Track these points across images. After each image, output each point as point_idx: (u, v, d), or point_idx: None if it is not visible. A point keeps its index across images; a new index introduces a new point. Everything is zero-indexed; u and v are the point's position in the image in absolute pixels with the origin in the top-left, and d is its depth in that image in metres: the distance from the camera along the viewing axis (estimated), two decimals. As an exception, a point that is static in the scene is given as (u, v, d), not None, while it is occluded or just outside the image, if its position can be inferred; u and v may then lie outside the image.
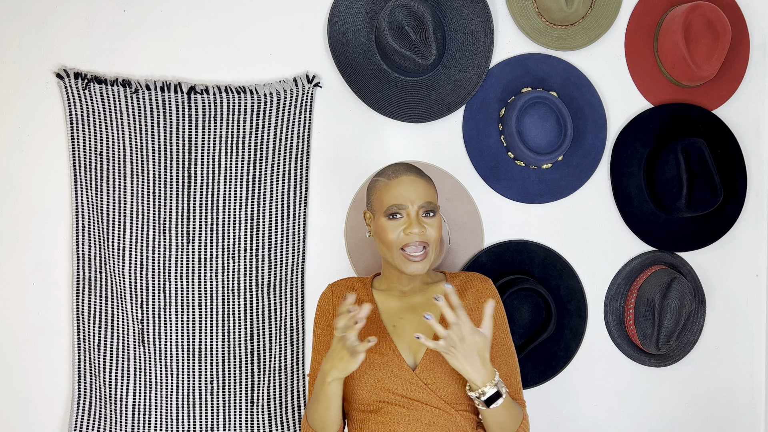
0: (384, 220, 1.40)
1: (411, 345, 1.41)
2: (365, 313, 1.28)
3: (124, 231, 1.74)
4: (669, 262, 1.95)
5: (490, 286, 1.49)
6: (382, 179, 1.43)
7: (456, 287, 1.47)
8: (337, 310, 1.47)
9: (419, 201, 1.39)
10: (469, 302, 1.46)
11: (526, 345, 1.80)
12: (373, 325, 1.42)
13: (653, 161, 1.89)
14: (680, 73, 1.88)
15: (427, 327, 1.42)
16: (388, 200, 1.39)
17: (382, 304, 1.47)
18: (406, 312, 1.45)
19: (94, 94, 1.72)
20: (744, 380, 2.02)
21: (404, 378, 1.36)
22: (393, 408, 1.36)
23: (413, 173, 1.42)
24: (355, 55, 1.79)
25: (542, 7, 1.84)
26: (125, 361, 1.76)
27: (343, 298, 1.30)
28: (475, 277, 1.50)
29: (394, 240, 1.38)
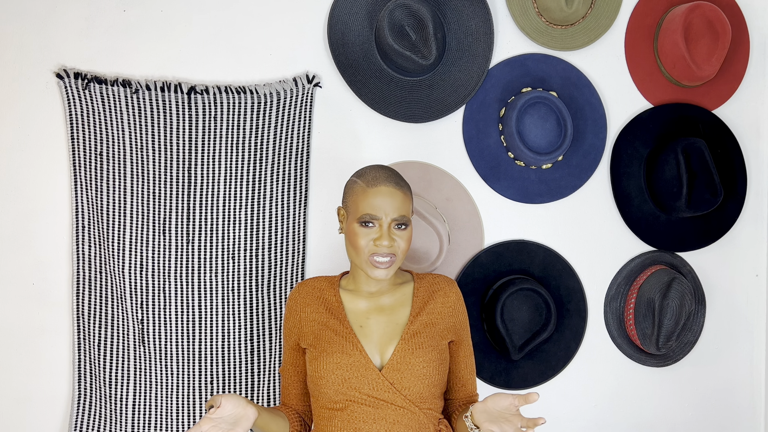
0: (356, 225, 1.41)
1: (378, 345, 1.43)
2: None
3: (124, 231, 1.74)
4: (669, 262, 1.95)
5: (456, 289, 1.52)
6: (361, 183, 1.43)
7: (423, 289, 1.50)
8: (303, 308, 1.49)
9: (393, 214, 1.40)
10: (437, 305, 1.48)
11: (525, 345, 1.80)
12: (340, 326, 1.44)
13: (653, 161, 1.89)
14: (680, 73, 1.88)
15: (395, 328, 1.44)
16: (363, 208, 1.40)
17: (348, 304, 1.48)
18: (374, 312, 1.46)
19: (94, 94, 1.72)
20: (744, 380, 2.02)
21: (371, 378, 1.38)
22: (358, 407, 1.38)
23: (392, 184, 1.42)
24: (355, 55, 1.79)
25: (542, 7, 1.84)
26: (125, 361, 1.76)
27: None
28: (442, 280, 1.52)
29: (363, 247, 1.40)
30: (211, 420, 1.24)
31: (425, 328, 1.44)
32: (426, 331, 1.44)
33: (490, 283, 1.85)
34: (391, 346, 1.42)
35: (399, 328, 1.44)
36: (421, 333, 1.43)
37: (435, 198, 1.83)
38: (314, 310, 1.47)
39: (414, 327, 1.43)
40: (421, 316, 1.45)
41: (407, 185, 1.45)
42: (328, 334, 1.43)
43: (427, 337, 1.43)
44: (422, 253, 1.77)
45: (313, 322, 1.46)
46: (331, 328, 1.44)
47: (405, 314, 1.46)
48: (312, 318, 1.47)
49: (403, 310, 1.47)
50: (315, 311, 1.47)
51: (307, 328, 1.47)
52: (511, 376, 1.87)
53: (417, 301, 1.47)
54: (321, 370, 1.40)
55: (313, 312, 1.47)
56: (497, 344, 1.83)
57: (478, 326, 1.85)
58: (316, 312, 1.47)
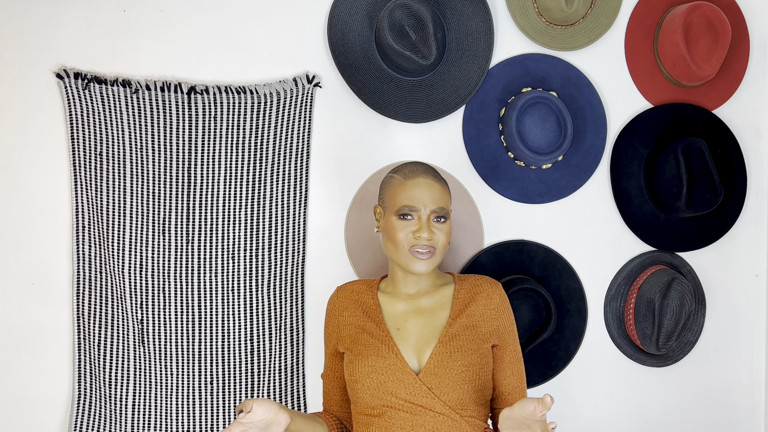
0: (395, 219, 1.38)
1: (416, 348, 1.39)
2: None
3: (123, 231, 1.74)
4: (669, 262, 1.95)
5: (500, 291, 1.47)
6: (398, 177, 1.42)
7: (464, 291, 1.46)
8: (342, 312, 1.46)
9: (432, 205, 1.37)
10: (478, 307, 1.43)
11: (526, 345, 1.80)
12: (377, 328, 1.40)
13: (653, 161, 1.89)
14: (680, 73, 1.88)
15: (433, 330, 1.40)
16: (402, 200, 1.38)
17: (386, 306, 1.45)
18: (412, 315, 1.42)
19: (94, 94, 1.72)
20: (744, 380, 2.02)
21: (407, 382, 1.34)
22: (396, 413, 1.34)
23: (430, 176, 1.41)
24: (355, 55, 1.79)
25: (542, 7, 1.84)
26: (125, 361, 1.76)
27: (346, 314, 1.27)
28: (485, 281, 1.48)
29: (402, 240, 1.37)
30: (241, 425, 1.21)
31: (465, 331, 1.39)
32: (466, 334, 1.39)
33: (490, 283, 1.86)
34: (428, 349, 1.37)
35: (437, 331, 1.39)
36: (461, 336, 1.38)
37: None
38: (352, 314, 1.44)
39: (453, 329, 1.39)
40: (461, 319, 1.41)
41: (445, 180, 1.43)
42: (364, 338, 1.40)
43: (467, 340, 1.38)
44: (422, 253, 1.77)
45: (351, 326, 1.43)
46: (367, 332, 1.40)
47: (444, 316, 1.41)
48: (350, 322, 1.44)
49: (442, 312, 1.42)
50: (353, 315, 1.44)
51: (345, 332, 1.44)
52: (511, 376, 1.87)
53: (457, 303, 1.43)
54: (356, 374, 1.37)
55: (351, 316, 1.44)
56: (497, 344, 1.83)
57: (478, 326, 1.85)
58: (353, 316, 1.44)
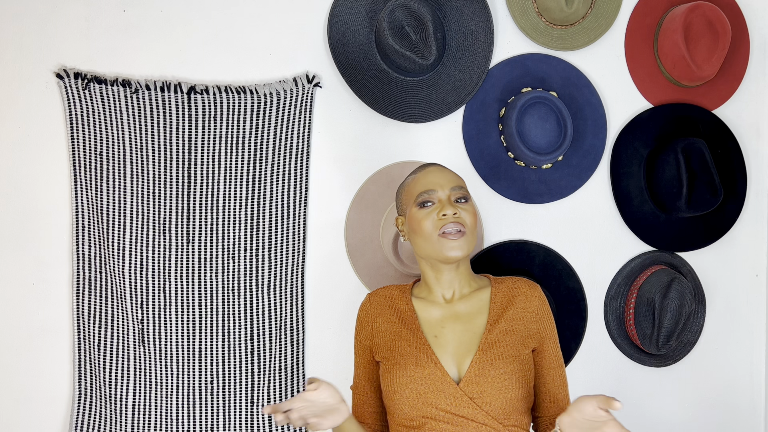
0: (416, 209, 1.35)
1: (455, 356, 1.33)
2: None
3: (124, 231, 1.74)
4: (669, 262, 1.94)
5: (539, 293, 1.42)
6: (410, 176, 1.43)
7: (502, 294, 1.41)
8: (375, 319, 1.42)
9: (449, 185, 1.35)
10: (517, 310, 1.39)
11: (526, 345, 1.80)
12: (413, 336, 1.35)
13: (653, 161, 1.89)
14: (680, 73, 1.88)
15: (472, 337, 1.35)
16: (418, 189, 1.36)
17: (422, 312, 1.39)
18: (449, 321, 1.37)
19: (94, 94, 1.72)
20: (744, 380, 2.02)
21: (448, 392, 1.29)
22: (437, 424, 1.29)
23: (438, 165, 1.43)
24: (355, 55, 1.79)
25: (542, 7, 1.84)
26: (125, 361, 1.76)
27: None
28: (522, 283, 1.43)
29: (429, 227, 1.32)
30: (305, 399, 1.17)
31: (505, 337, 1.34)
32: (506, 340, 1.34)
33: (490, 283, 1.85)
34: (468, 357, 1.32)
35: (476, 338, 1.34)
36: (501, 342, 1.33)
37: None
38: (386, 320, 1.40)
39: (492, 336, 1.34)
40: (500, 324, 1.36)
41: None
42: (401, 346, 1.35)
43: (508, 347, 1.33)
44: (422, 253, 1.77)
45: (386, 333, 1.38)
46: (404, 339, 1.35)
47: (482, 322, 1.36)
48: (384, 329, 1.39)
49: (480, 317, 1.37)
50: (387, 321, 1.39)
51: (380, 340, 1.39)
52: (511, 376, 1.87)
53: (495, 308, 1.38)
54: (394, 384, 1.32)
55: (385, 322, 1.40)
56: (497, 344, 1.83)
57: (478, 326, 1.85)
58: (388, 322, 1.39)
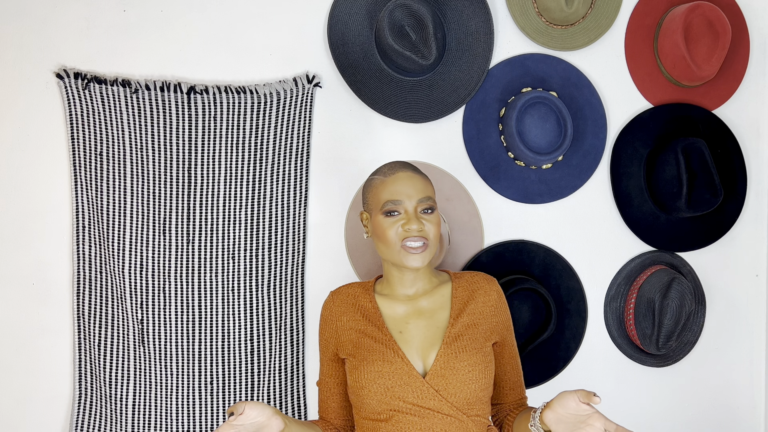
0: (381, 217, 1.37)
1: (420, 351, 1.38)
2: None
3: (124, 231, 1.74)
4: (669, 262, 1.94)
5: (497, 287, 1.47)
6: (378, 177, 1.41)
7: (462, 289, 1.45)
8: (339, 317, 1.44)
9: (417, 196, 1.36)
10: (478, 304, 1.43)
11: (526, 345, 1.80)
12: (379, 333, 1.39)
13: (653, 161, 1.89)
14: (680, 73, 1.88)
15: (436, 332, 1.39)
16: (385, 196, 1.36)
17: (386, 309, 1.43)
18: (413, 317, 1.41)
19: (94, 94, 1.72)
20: (744, 380, 2.02)
21: (414, 386, 1.33)
22: (404, 416, 1.33)
23: (409, 170, 1.40)
24: (355, 55, 1.79)
25: (542, 7, 1.84)
26: (125, 361, 1.76)
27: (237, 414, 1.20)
28: (481, 278, 1.48)
29: (393, 237, 1.35)
30: (232, 427, 1.18)
31: (467, 330, 1.39)
32: (468, 333, 1.38)
33: (490, 283, 1.86)
34: (433, 351, 1.36)
35: (440, 332, 1.38)
36: (464, 335, 1.38)
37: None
38: (351, 318, 1.42)
39: (455, 330, 1.38)
40: (462, 318, 1.40)
41: (425, 175, 1.42)
42: (367, 342, 1.38)
43: (470, 340, 1.37)
44: (422, 253, 1.77)
45: (351, 331, 1.41)
46: (369, 336, 1.39)
47: (445, 317, 1.40)
48: (349, 326, 1.42)
49: (442, 312, 1.41)
50: (351, 319, 1.42)
51: (345, 337, 1.42)
52: (511, 376, 1.87)
53: (456, 302, 1.42)
54: (362, 380, 1.35)
55: (349, 320, 1.42)
56: (497, 344, 1.83)
57: (478, 326, 1.85)
58: (352, 320, 1.42)
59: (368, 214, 1.43)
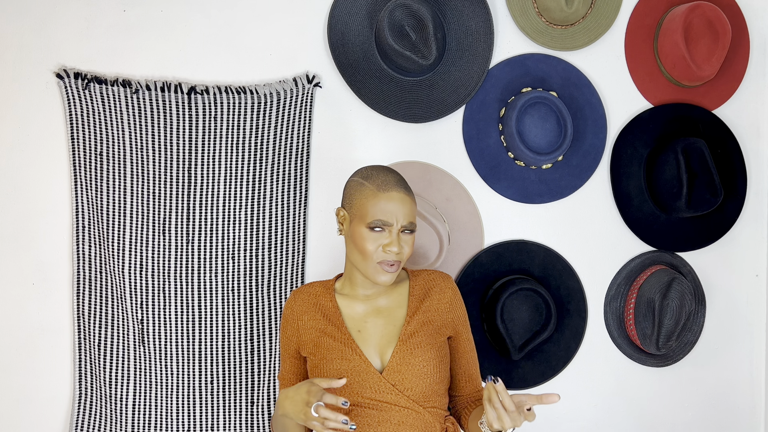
0: (365, 230, 1.38)
1: (377, 348, 1.43)
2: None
3: (124, 231, 1.74)
4: (669, 262, 1.94)
5: (452, 284, 1.51)
6: (370, 187, 1.40)
7: (419, 287, 1.49)
8: (301, 317, 1.47)
9: (404, 221, 1.38)
10: (433, 302, 1.47)
11: (525, 345, 1.80)
12: (338, 332, 1.43)
13: (653, 161, 1.89)
14: (680, 73, 1.88)
15: (393, 330, 1.44)
16: (375, 213, 1.37)
17: (345, 309, 1.47)
18: (371, 316, 1.46)
19: (94, 94, 1.72)
20: (744, 380, 2.02)
21: (372, 381, 1.38)
22: (362, 410, 1.38)
23: (402, 189, 1.40)
24: (355, 55, 1.79)
25: (542, 7, 1.84)
26: (125, 361, 1.76)
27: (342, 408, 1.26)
28: (437, 276, 1.52)
29: (372, 252, 1.38)
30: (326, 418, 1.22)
31: (422, 327, 1.44)
32: (423, 330, 1.44)
33: (490, 283, 1.85)
34: (390, 348, 1.42)
35: (397, 330, 1.44)
36: (419, 332, 1.43)
37: (435, 198, 1.83)
38: (311, 318, 1.46)
39: (411, 327, 1.43)
40: (418, 315, 1.45)
41: (412, 192, 1.45)
42: (326, 341, 1.43)
43: (425, 336, 1.43)
44: (422, 253, 1.77)
45: (312, 330, 1.45)
46: (329, 335, 1.43)
47: (401, 315, 1.46)
48: (310, 326, 1.46)
49: (399, 311, 1.47)
50: (312, 318, 1.46)
51: (306, 337, 1.46)
52: (511, 376, 1.87)
53: (413, 301, 1.47)
54: (321, 377, 1.40)
55: (310, 320, 1.46)
56: (497, 344, 1.83)
57: (478, 326, 1.85)
58: (313, 320, 1.46)
59: (348, 215, 1.43)
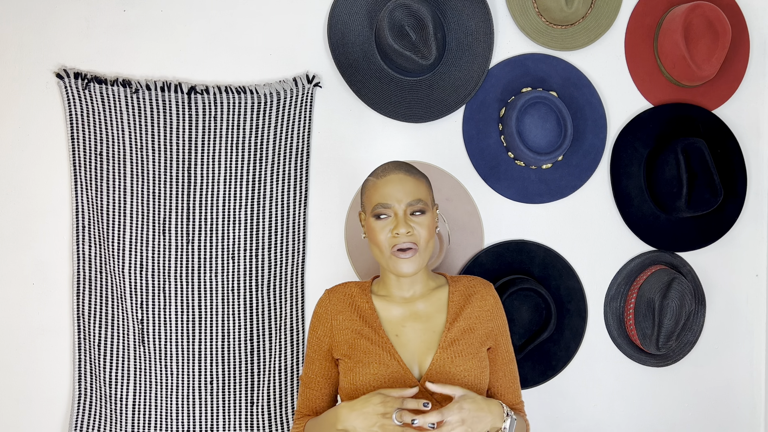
0: (372, 220, 1.36)
1: (416, 354, 1.37)
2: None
3: (124, 231, 1.74)
4: (669, 262, 1.95)
5: (493, 292, 1.47)
6: (372, 178, 1.40)
7: (459, 293, 1.44)
8: (335, 316, 1.42)
9: (406, 199, 1.34)
10: (474, 309, 1.42)
11: (526, 345, 1.80)
12: (375, 335, 1.38)
13: (653, 161, 1.89)
14: (680, 73, 1.88)
15: (432, 336, 1.39)
16: (376, 199, 1.35)
17: (383, 311, 1.42)
18: (409, 320, 1.41)
19: (94, 94, 1.72)
20: (744, 380, 2.02)
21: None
22: None
23: (402, 171, 1.38)
24: (355, 55, 1.79)
25: (542, 7, 1.84)
26: (125, 361, 1.76)
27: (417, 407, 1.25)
28: (478, 282, 1.47)
29: (383, 242, 1.34)
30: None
31: (463, 335, 1.38)
32: (464, 338, 1.38)
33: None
34: (429, 355, 1.36)
35: (436, 336, 1.38)
36: (460, 340, 1.37)
37: (435, 198, 1.83)
38: (347, 318, 1.41)
39: (452, 334, 1.38)
40: (459, 322, 1.40)
41: (422, 174, 1.40)
42: (363, 344, 1.37)
43: (466, 344, 1.37)
44: (422, 253, 1.77)
45: (347, 331, 1.40)
46: (366, 337, 1.38)
47: (441, 321, 1.40)
48: (345, 326, 1.40)
49: (439, 316, 1.41)
50: (348, 319, 1.41)
51: (341, 337, 1.40)
52: (511, 376, 1.87)
53: (453, 307, 1.42)
54: (357, 383, 1.34)
55: (345, 320, 1.41)
56: (497, 344, 1.83)
57: (478, 326, 1.85)
58: (348, 320, 1.41)
59: (364, 215, 1.43)
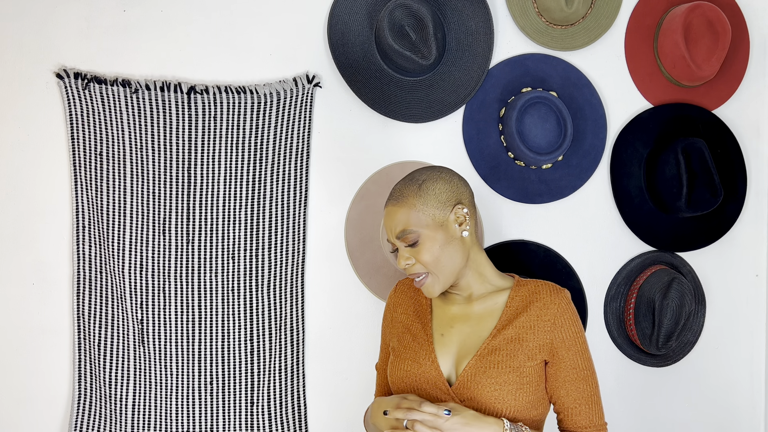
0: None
1: (455, 357, 1.32)
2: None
3: (124, 231, 1.74)
4: (669, 262, 1.94)
5: (559, 300, 1.33)
6: None
7: (519, 298, 1.35)
8: (396, 308, 1.46)
9: (393, 233, 1.33)
10: (530, 318, 1.32)
11: (526, 345, 1.80)
12: (421, 331, 1.36)
13: (653, 161, 1.89)
14: (680, 73, 1.88)
15: (476, 340, 1.33)
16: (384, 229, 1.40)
17: (438, 308, 1.39)
18: (460, 321, 1.35)
19: (94, 94, 1.72)
20: (744, 380, 2.02)
21: (441, 393, 1.29)
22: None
23: (392, 201, 1.33)
24: (355, 55, 1.79)
25: (542, 7, 1.84)
26: (125, 361, 1.76)
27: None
28: (544, 288, 1.36)
29: (404, 272, 1.37)
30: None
31: (508, 344, 1.30)
32: (507, 348, 1.29)
33: (490, 283, 1.85)
34: (465, 360, 1.30)
35: (479, 341, 1.31)
36: (501, 349, 1.29)
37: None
38: (403, 312, 1.43)
39: (495, 342, 1.30)
40: (508, 330, 1.31)
41: (416, 194, 1.31)
42: (407, 339, 1.37)
43: (507, 355, 1.28)
44: (422, 253, 1.76)
45: (399, 324, 1.42)
46: (412, 333, 1.37)
47: (490, 326, 1.33)
48: (400, 320, 1.42)
49: (489, 320, 1.33)
50: (404, 313, 1.42)
51: (394, 330, 1.43)
52: (511, 376, 1.87)
53: (507, 313, 1.33)
54: (393, 376, 1.35)
55: (402, 314, 1.43)
56: (497, 344, 1.83)
57: (478, 326, 1.85)
58: (404, 314, 1.42)
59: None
